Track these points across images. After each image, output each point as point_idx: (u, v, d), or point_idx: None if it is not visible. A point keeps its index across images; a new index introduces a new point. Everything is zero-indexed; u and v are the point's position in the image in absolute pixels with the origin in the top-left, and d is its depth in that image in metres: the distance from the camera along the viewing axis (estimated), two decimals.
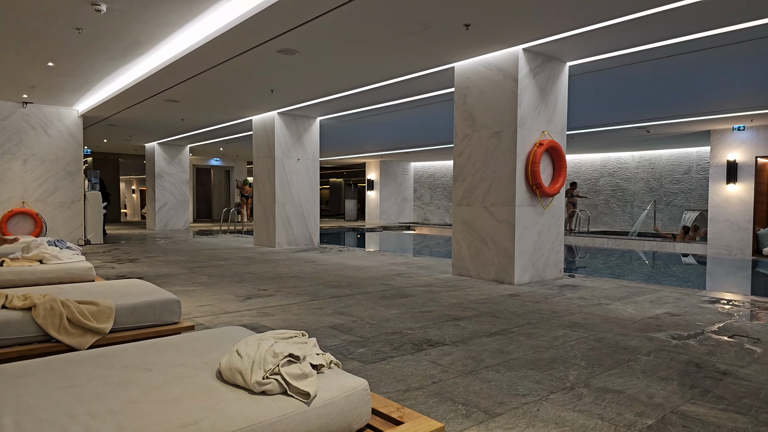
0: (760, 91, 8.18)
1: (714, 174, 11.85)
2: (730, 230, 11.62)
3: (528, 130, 5.75)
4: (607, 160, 16.18)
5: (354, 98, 8.28)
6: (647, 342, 3.52)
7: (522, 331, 3.75)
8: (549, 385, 2.71)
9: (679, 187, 14.75)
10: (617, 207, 15.97)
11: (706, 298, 5.10)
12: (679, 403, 2.48)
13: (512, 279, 5.72)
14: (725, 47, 5.63)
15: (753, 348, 3.40)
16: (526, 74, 5.66)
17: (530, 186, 5.79)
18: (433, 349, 3.30)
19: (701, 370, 2.95)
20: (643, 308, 4.60)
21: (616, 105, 9.17)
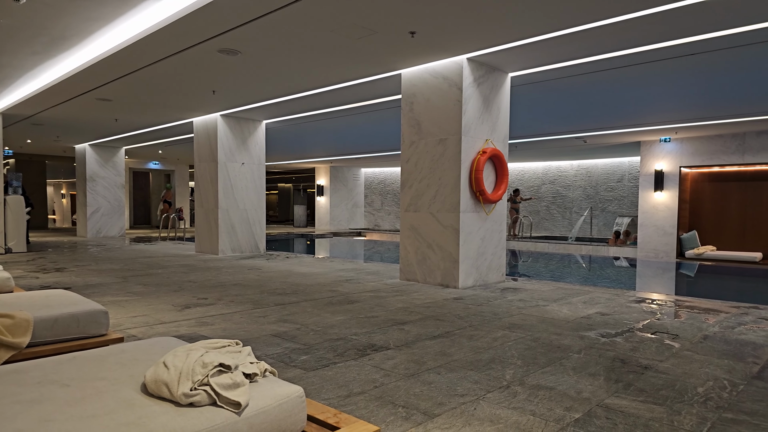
0: (684, 106, 8.79)
1: (643, 182, 12.61)
2: (657, 235, 12.38)
3: (472, 139, 5.91)
4: (548, 168, 16.86)
5: (301, 102, 8.23)
6: (579, 340, 3.69)
7: (464, 334, 3.84)
8: (486, 384, 2.79)
9: (613, 194, 15.58)
10: (557, 213, 16.66)
11: (634, 299, 5.41)
12: (605, 397, 2.62)
13: (457, 283, 5.85)
14: (653, 63, 6.02)
15: (672, 343, 3.64)
16: (470, 83, 5.83)
17: (474, 193, 5.94)
18: (377, 353, 3.32)
19: (625, 365, 3.13)
20: (576, 309, 4.82)
21: (555, 116, 9.59)
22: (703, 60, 5.91)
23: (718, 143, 11.64)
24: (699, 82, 7.07)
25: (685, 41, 5.17)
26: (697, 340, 3.73)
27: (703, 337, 3.82)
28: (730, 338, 3.80)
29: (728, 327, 4.16)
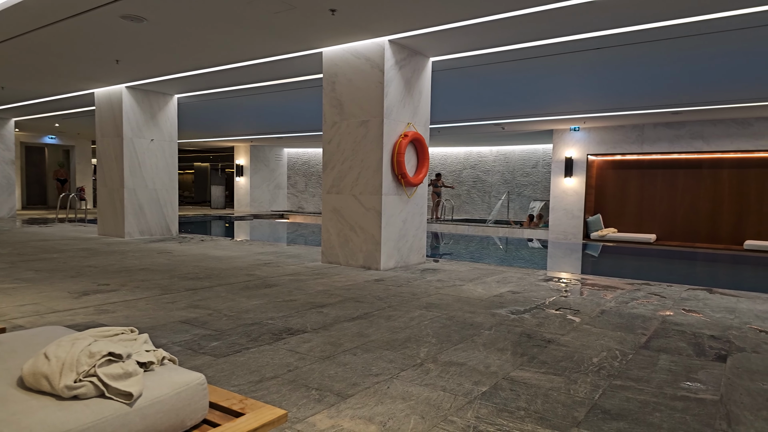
0: (592, 98, 9.37)
1: (555, 168, 13.37)
2: (567, 218, 13.23)
3: (394, 121, 5.93)
4: (469, 153, 17.40)
5: (217, 77, 7.83)
6: (490, 318, 3.86)
7: (382, 314, 3.89)
8: (401, 363, 2.84)
9: (528, 179, 16.42)
10: (477, 197, 17.30)
11: (543, 277, 5.74)
12: (510, 370, 2.76)
13: (379, 265, 5.90)
14: (565, 55, 6.33)
15: (573, 318, 3.91)
16: (392, 66, 5.82)
17: (396, 175, 5.99)
18: (293, 337, 3.27)
19: (531, 340, 3.31)
20: (490, 288, 5.04)
21: (475, 102, 9.86)
22: (609, 54, 6.30)
23: (621, 133, 12.57)
24: (605, 75, 7.55)
25: (594, 35, 5.47)
26: (595, 315, 4.02)
27: (600, 312, 4.12)
28: (623, 312, 4.14)
29: (623, 302, 4.53)
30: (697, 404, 2.35)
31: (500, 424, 2.13)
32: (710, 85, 8.10)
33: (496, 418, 2.18)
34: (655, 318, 3.96)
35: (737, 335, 3.50)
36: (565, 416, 2.21)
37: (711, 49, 6.10)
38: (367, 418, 2.16)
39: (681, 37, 5.55)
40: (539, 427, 2.10)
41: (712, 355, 3.07)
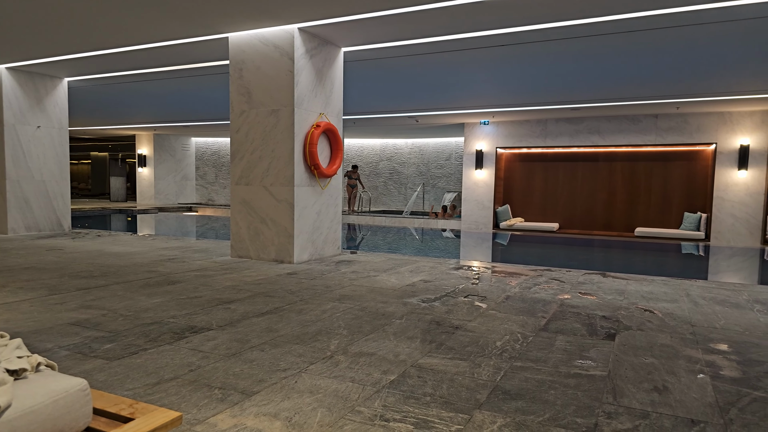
0: (500, 93, 9.80)
1: (466, 161, 13.88)
2: (478, 208, 13.80)
3: (305, 111, 5.81)
4: (385, 145, 17.58)
5: (113, 59, 7.23)
6: (402, 307, 3.91)
7: (294, 308, 3.80)
8: (311, 356, 2.79)
9: (442, 171, 16.92)
10: (394, 188, 17.55)
11: (454, 266, 5.93)
12: (419, 357, 2.80)
13: (292, 258, 5.78)
14: (475, 51, 6.54)
15: (480, 304, 4.06)
16: (302, 54, 5.69)
17: (308, 166, 5.88)
18: (196, 336, 3.11)
19: (440, 327, 3.40)
20: (403, 278, 5.11)
21: (390, 94, 9.95)
22: (515, 51, 6.60)
23: (527, 128, 13.29)
24: (512, 71, 7.91)
25: (500, 32, 5.69)
26: (500, 301, 4.21)
27: (505, 298, 4.32)
28: (526, 297, 4.37)
29: (526, 287, 4.78)
30: (588, 380, 2.52)
31: (406, 411, 2.15)
32: (605, 83, 8.77)
33: (403, 406, 2.20)
34: (555, 301, 4.22)
35: (625, 315, 3.82)
36: (469, 399, 2.28)
37: (604, 50, 6.59)
38: (272, 414, 2.09)
39: (578, 37, 5.94)
40: (443, 411, 2.15)
41: (603, 334, 3.32)
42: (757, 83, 8.56)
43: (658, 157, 12.70)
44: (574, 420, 2.09)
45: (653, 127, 12.12)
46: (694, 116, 11.76)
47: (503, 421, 2.08)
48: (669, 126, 11.99)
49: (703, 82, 8.51)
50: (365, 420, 2.06)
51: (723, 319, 3.71)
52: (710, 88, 9.08)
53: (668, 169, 12.60)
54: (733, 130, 11.50)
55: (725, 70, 7.62)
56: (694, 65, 7.37)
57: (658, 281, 5.16)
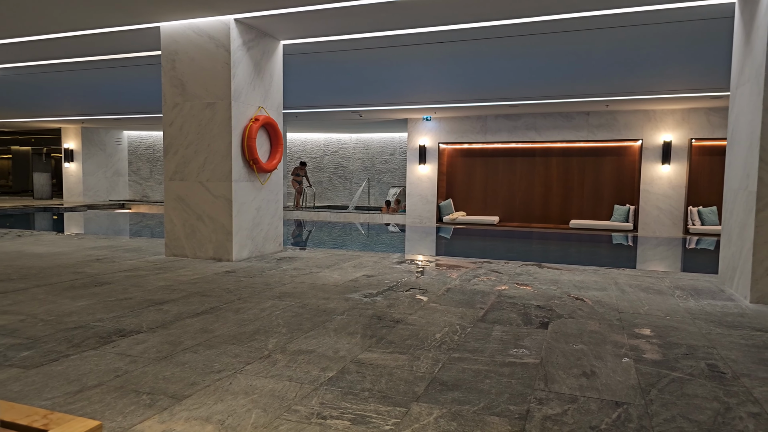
0: (442, 89, 9.93)
1: (410, 156, 14.00)
2: (422, 203, 13.97)
3: (243, 104, 5.64)
4: (329, 140, 17.44)
5: (36, 47, 6.72)
6: (344, 303, 3.88)
7: (231, 307, 3.69)
8: (247, 356, 2.71)
9: (387, 166, 17.00)
10: (339, 183, 17.46)
11: (397, 260, 5.96)
12: (359, 353, 2.79)
13: (230, 256, 5.61)
14: (416, 47, 6.58)
15: (421, 298, 4.10)
16: (239, 46, 5.51)
17: (247, 161, 5.72)
18: (125, 339, 2.94)
19: (381, 321, 3.40)
20: (346, 273, 5.08)
21: (333, 88, 9.86)
22: (454, 48, 6.70)
23: (467, 124, 13.57)
24: (452, 68, 8.04)
25: (439, 29, 5.75)
26: (441, 293, 4.27)
27: (446, 290, 4.39)
28: (466, 289, 4.45)
29: (466, 280, 4.87)
30: (521, 368, 2.59)
31: (344, 407, 2.13)
32: (540, 81, 9.08)
33: (341, 402, 2.18)
34: (493, 293, 4.32)
35: (558, 304, 3.97)
36: (407, 392, 2.29)
37: (539, 49, 6.81)
38: (204, 418, 2.01)
39: (514, 36, 6.10)
40: (381, 406, 2.15)
41: (537, 322, 3.43)
42: (677, 83, 9.14)
43: (590, 152, 13.33)
44: (507, 408, 2.14)
45: (585, 123, 12.70)
46: (622, 114, 12.42)
47: (440, 413, 2.10)
48: (600, 123, 12.61)
49: (630, 81, 9.00)
50: (301, 419, 2.02)
51: (647, 305, 3.93)
52: (636, 88, 9.61)
53: (599, 164, 13.25)
54: (657, 127, 12.24)
55: (649, 70, 8.08)
56: (621, 66, 7.76)
57: (589, 271, 5.41)
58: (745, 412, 2.13)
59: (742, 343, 3.03)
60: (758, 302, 4.00)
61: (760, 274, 3.98)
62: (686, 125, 12.04)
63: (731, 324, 3.43)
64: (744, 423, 2.03)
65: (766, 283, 3.96)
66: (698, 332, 3.23)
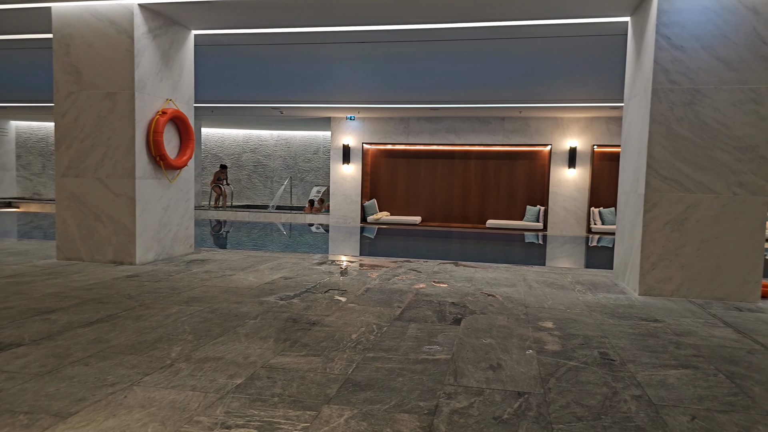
0: (365, 89, 9.95)
1: (334, 155, 13.92)
2: (346, 203, 13.93)
3: (149, 96, 5.29)
4: (249, 136, 16.91)
5: None
6: (258, 306, 3.74)
7: (131, 315, 3.43)
8: (146, 367, 2.52)
9: (310, 165, 16.78)
10: (259, 182, 16.97)
11: (317, 261, 5.87)
12: (271, 357, 2.69)
13: (134, 259, 5.24)
14: (335, 45, 6.51)
15: (340, 298, 4.06)
16: (144, 33, 5.16)
17: (153, 157, 5.37)
18: (1, 354, 2.63)
19: (296, 324, 3.31)
20: (262, 275, 4.92)
21: (251, 83, 9.55)
22: (378, 49, 6.72)
23: (391, 125, 13.71)
24: (375, 69, 8.07)
25: (360, 29, 5.74)
26: (360, 293, 4.24)
27: (365, 290, 4.37)
28: (385, 288, 4.46)
29: (386, 279, 4.89)
30: (433, 365, 2.63)
31: (251, 414, 2.04)
32: (460, 86, 9.37)
33: (248, 410, 2.08)
34: (411, 291, 4.37)
35: (471, 300, 4.09)
36: (318, 395, 2.24)
37: (458, 54, 7.01)
38: None
39: (433, 41, 6.23)
40: (291, 411, 2.08)
41: (451, 319, 3.51)
42: (581, 93, 9.81)
43: (505, 156, 13.97)
44: (417, 404, 2.15)
45: (501, 128, 13.30)
46: (534, 120, 13.14)
47: (351, 413, 2.06)
48: (514, 128, 13.25)
49: (540, 90, 9.52)
50: (204, 430, 1.90)
51: (551, 299, 4.16)
52: (546, 96, 10.20)
53: (513, 167, 13.93)
54: (564, 134, 13.08)
55: (557, 80, 8.60)
56: (532, 75, 8.19)
57: (501, 268, 5.64)
58: (629, 395, 2.29)
59: (629, 332, 3.28)
60: (645, 294, 4.36)
61: (647, 269, 4.34)
62: (589, 132, 12.96)
63: (622, 315, 3.71)
64: (628, 405, 2.19)
65: (652, 277, 4.33)
66: (593, 323, 3.46)
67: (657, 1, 4.21)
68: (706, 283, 4.24)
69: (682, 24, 4.17)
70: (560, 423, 2.02)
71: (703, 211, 4.22)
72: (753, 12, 4.07)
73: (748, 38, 4.09)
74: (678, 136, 4.22)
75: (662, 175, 4.26)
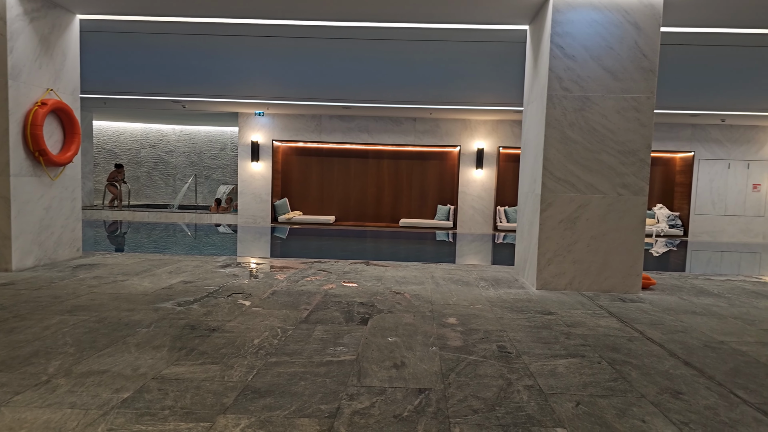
0: (273, 84, 9.68)
1: (242, 152, 13.44)
2: (255, 202, 13.51)
3: (26, 85, 4.75)
4: (148, 131, 15.85)
5: None
6: (152, 313, 3.49)
7: (2, 328, 3.06)
8: (18, 384, 2.25)
9: (217, 162, 16.06)
10: (160, 180, 15.97)
11: (222, 264, 5.61)
12: (163, 368, 2.51)
13: (9, 265, 4.68)
14: (240, 38, 6.26)
15: (244, 302, 3.90)
16: (18, 15, 4.62)
17: (32, 152, 4.83)
18: None
19: (194, 331, 3.13)
20: (159, 280, 4.61)
21: (149, 74, 8.93)
22: (285, 44, 6.54)
23: (302, 122, 13.49)
24: (284, 64, 7.87)
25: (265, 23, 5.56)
26: (266, 296, 4.11)
27: (272, 293, 4.24)
28: (293, 290, 4.35)
29: (294, 281, 4.77)
30: (338, 366, 2.59)
31: (137, 430, 1.88)
32: (371, 86, 9.41)
33: (134, 425, 1.92)
34: (319, 292, 4.30)
35: (380, 299, 4.10)
36: (214, 405, 2.12)
37: (369, 54, 7.03)
38: None
39: (343, 39, 6.19)
40: (183, 423, 1.95)
41: (358, 319, 3.49)
42: (489, 96, 10.27)
43: (417, 156, 14.29)
44: (318, 408, 2.11)
45: (412, 129, 13.57)
46: (444, 122, 13.56)
47: (248, 422, 1.98)
48: (425, 129, 13.58)
49: (449, 92, 9.84)
50: None
51: (456, 296, 4.29)
52: (454, 99, 10.56)
53: (425, 167, 14.29)
54: (472, 135, 13.63)
55: (464, 84, 8.93)
56: (441, 77, 8.43)
57: (411, 266, 5.73)
58: (522, 386, 2.41)
59: (526, 324, 3.47)
60: (542, 288, 4.65)
61: (543, 264, 4.63)
62: (495, 135, 13.62)
63: (520, 309, 3.92)
64: (520, 395, 2.30)
65: (548, 273, 4.63)
66: (494, 318, 3.62)
67: (551, 11, 4.49)
68: (595, 277, 4.60)
69: (573, 35, 4.48)
70: (457, 417, 2.07)
71: (592, 210, 4.57)
72: (635, 27, 4.47)
73: (630, 51, 4.48)
74: (570, 140, 4.54)
75: (557, 177, 4.56)
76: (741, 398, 2.33)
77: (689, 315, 3.85)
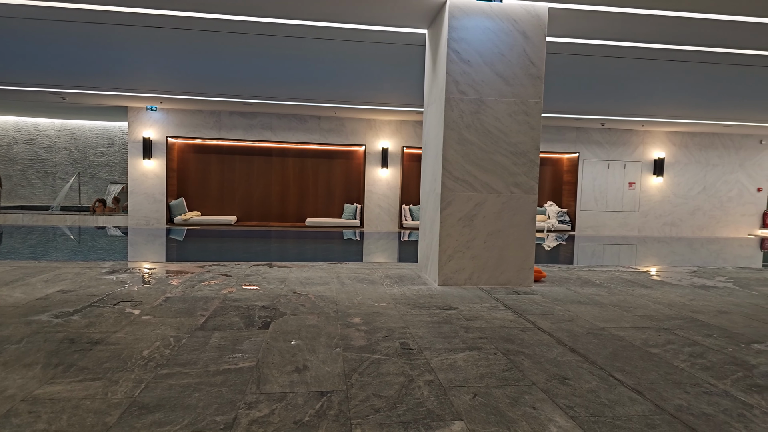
0: (166, 78, 9.07)
1: (132, 149, 12.48)
2: (148, 202, 12.61)
3: None
4: (22, 125, 14.17)
5: None
6: (24, 327, 3.11)
7: None
8: None
9: (104, 160, 14.75)
10: (37, 179, 14.35)
11: (108, 270, 5.15)
12: (36, 388, 2.24)
13: None
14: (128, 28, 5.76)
15: (132, 311, 3.60)
16: None
17: None
18: None
19: (74, 345, 2.83)
20: (34, 290, 4.12)
21: (22, 64, 7.98)
22: (177, 36, 6.14)
23: (200, 118, 12.82)
24: (179, 58, 7.39)
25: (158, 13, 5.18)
26: (158, 304, 3.82)
27: (164, 300, 3.96)
28: (188, 296, 4.10)
29: (190, 286, 4.50)
30: (235, 374, 2.47)
31: None
32: (274, 83, 9.15)
33: None
34: (218, 297, 4.09)
35: (283, 302, 3.99)
36: (95, 425, 1.92)
37: (268, 49, 6.82)
38: None
39: (241, 33, 5.94)
40: None
41: (260, 324, 3.36)
42: (392, 97, 10.44)
43: (323, 154, 14.18)
44: (213, 419, 1.99)
45: (317, 127, 13.45)
46: (349, 121, 13.59)
47: None
48: (330, 128, 13.52)
49: (354, 92, 9.86)
50: None
51: (361, 295, 4.30)
52: (359, 98, 10.61)
53: (331, 166, 14.22)
54: (377, 135, 13.80)
55: (368, 83, 8.99)
56: (344, 76, 8.42)
57: (316, 267, 5.66)
58: (423, 381, 2.46)
59: (428, 320, 3.56)
60: (444, 284, 4.81)
61: (444, 261, 4.79)
62: (399, 135, 13.89)
63: (422, 305, 4.02)
64: (422, 391, 2.35)
65: (449, 269, 4.79)
66: (397, 315, 3.67)
67: (448, 17, 4.65)
68: (492, 272, 4.84)
69: (468, 40, 4.68)
70: (359, 417, 2.06)
71: (488, 208, 4.80)
72: (523, 35, 4.76)
73: (520, 58, 4.77)
74: (467, 141, 4.73)
75: (455, 176, 4.73)
76: (618, 380, 2.56)
77: (575, 304, 4.18)
